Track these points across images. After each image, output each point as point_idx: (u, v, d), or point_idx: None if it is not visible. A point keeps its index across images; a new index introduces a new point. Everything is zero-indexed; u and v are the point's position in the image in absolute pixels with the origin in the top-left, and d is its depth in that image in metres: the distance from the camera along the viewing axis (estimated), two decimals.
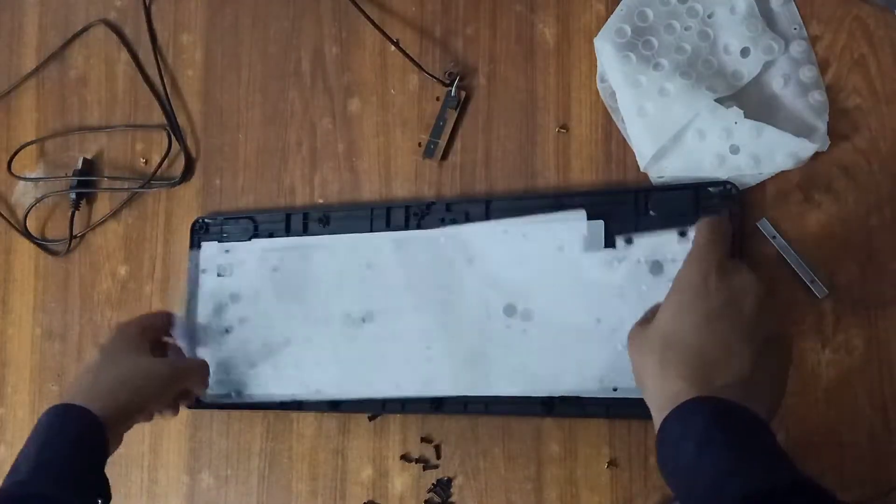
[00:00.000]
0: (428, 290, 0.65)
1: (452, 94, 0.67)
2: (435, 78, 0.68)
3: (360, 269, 0.67)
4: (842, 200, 0.58)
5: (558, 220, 0.62)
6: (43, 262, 0.81)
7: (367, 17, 0.69)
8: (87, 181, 0.79)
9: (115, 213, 0.79)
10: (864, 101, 0.58)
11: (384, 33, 0.69)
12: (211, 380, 0.68)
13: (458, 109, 0.67)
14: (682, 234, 0.59)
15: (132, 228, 0.78)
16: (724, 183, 0.59)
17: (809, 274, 0.57)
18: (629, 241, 0.60)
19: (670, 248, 0.59)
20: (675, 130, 0.59)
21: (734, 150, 0.58)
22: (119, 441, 0.61)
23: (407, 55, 0.68)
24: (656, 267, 0.59)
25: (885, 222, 0.57)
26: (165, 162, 0.77)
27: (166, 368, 0.65)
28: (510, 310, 0.63)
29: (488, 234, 0.64)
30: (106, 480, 0.58)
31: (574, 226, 0.62)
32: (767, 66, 0.59)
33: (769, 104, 0.59)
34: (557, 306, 0.62)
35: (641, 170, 0.61)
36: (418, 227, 0.66)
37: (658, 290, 0.58)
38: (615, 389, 0.59)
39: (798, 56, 0.59)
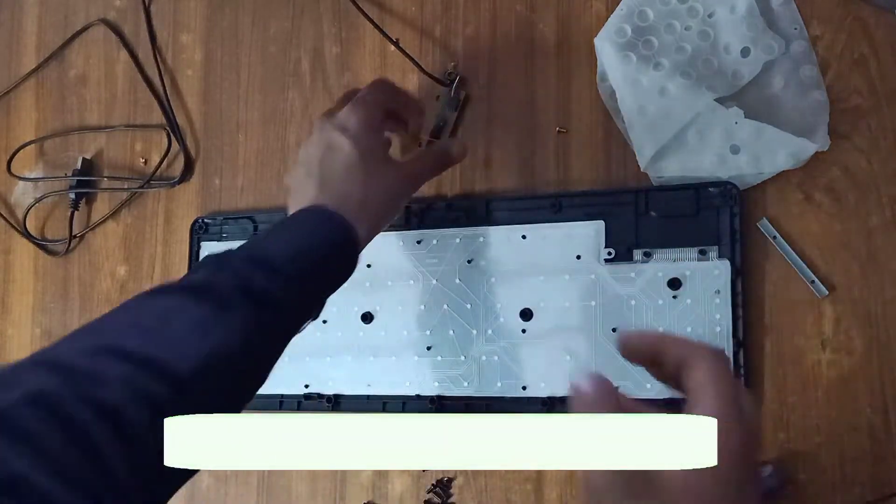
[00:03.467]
0: (429, 289, 0.65)
1: (452, 94, 0.67)
2: (435, 78, 0.68)
3: (361, 269, 0.67)
4: (842, 200, 0.58)
5: (572, 227, 0.62)
6: (42, 262, 0.81)
7: (367, 17, 0.69)
8: (86, 181, 0.79)
9: (114, 213, 0.79)
10: (865, 101, 0.58)
11: (384, 33, 0.69)
12: None
13: (457, 110, 0.67)
14: (702, 252, 0.59)
15: (131, 228, 0.78)
16: (725, 183, 0.59)
17: (809, 274, 0.57)
18: (648, 255, 0.60)
19: (689, 265, 0.59)
20: (675, 130, 0.59)
21: (734, 150, 0.58)
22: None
23: (407, 55, 0.68)
24: (674, 283, 0.59)
25: (885, 222, 0.57)
26: (165, 162, 0.77)
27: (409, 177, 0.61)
28: (512, 311, 0.63)
29: (492, 236, 0.64)
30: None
31: (589, 233, 0.62)
32: (768, 65, 0.59)
33: (769, 104, 0.59)
34: (563, 310, 0.62)
35: (641, 170, 0.61)
36: (419, 226, 0.66)
37: (674, 306, 0.59)
38: (616, 389, 0.59)
39: (798, 56, 0.59)
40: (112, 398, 0.39)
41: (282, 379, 0.68)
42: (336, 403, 0.67)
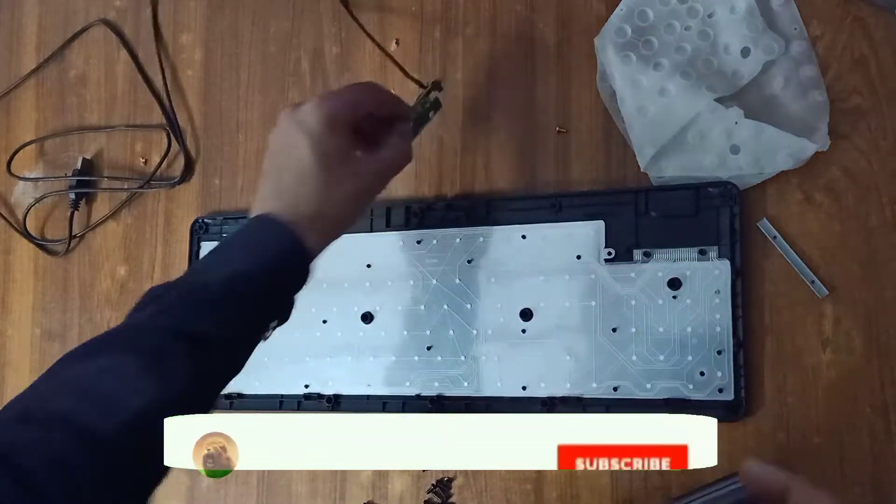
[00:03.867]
0: (429, 289, 0.65)
1: (436, 98, 0.65)
2: (421, 85, 0.65)
3: (361, 269, 0.67)
4: (842, 200, 0.58)
5: (572, 226, 0.62)
6: (42, 262, 0.81)
7: (359, 24, 0.67)
8: (86, 181, 0.79)
9: (114, 213, 0.79)
10: (865, 101, 0.58)
11: (374, 41, 0.66)
12: None
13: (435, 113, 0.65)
14: (702, 252, 0.59)
15: (131, 228, 0.78)
16: (725, 183, 0.59)
17: (809, 274, 0.57)
18: (648, 255, 0.60)
19: (689, 265, 0.59)
20: (675, 130, 0.59)
21: (734, 150, 0.58)
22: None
23: (398, 65, 0.66)
24: (674, 283, 0.59)
25: (885, 222, 0.57)
26: (165, 162, 0.77)
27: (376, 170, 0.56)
28: (512, 311, 0.63)
29: (492, 236, 0.64)
30: (291, 303, 0.53)
31: (589, 233, 0.62)
32: (768, 66, 0.59)
33: (769, 104, 0.59)
34: (563, 310, 0.62)
35: (641, 170, 0.61)
36: (419, 226, 0.66)
37: (674, 306, 0.59)
38: (615, 389, 0.59)
39: (798, 56, 0.59)
40: (26, 463, 0.40)
41: (282, 379, 0.69)
42: (336, 403, 0.67)
